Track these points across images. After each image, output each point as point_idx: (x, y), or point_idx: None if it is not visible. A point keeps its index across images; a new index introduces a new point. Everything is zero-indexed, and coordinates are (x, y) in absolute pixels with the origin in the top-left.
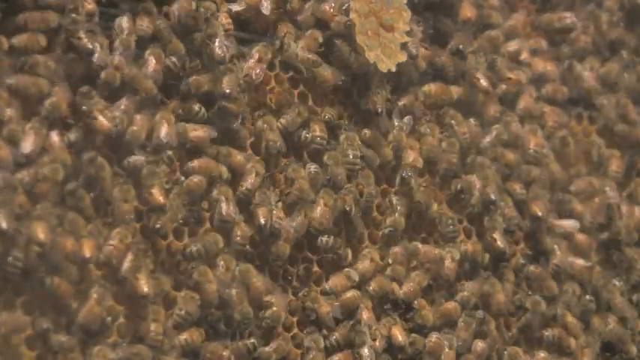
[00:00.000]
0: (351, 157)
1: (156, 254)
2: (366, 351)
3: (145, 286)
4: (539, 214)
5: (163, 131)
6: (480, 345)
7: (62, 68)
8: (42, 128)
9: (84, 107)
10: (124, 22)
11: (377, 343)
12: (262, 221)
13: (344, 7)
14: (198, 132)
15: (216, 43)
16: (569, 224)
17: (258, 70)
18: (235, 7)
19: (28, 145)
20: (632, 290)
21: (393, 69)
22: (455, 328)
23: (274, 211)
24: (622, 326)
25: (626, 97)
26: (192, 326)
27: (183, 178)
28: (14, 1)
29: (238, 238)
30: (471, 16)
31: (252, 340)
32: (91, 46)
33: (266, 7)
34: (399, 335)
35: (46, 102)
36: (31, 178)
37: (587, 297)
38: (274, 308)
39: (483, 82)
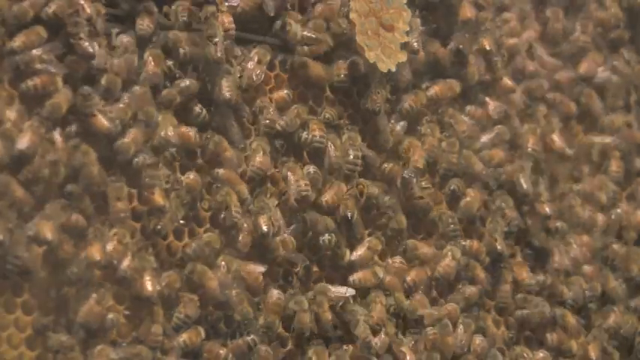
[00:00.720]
0: (352, 157)
1: (156, 254)
2: (361, 327)
3: (149, 286)
4: (548, 212)
5: (165, 134)
6: (477, 342)
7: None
8: (40, 127)
9: (83, 107)
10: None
11: (382, 337)
12: (265, 229)
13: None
14: None
15: (215, 44)
16: None
17: (258, 72)
18: (232, 2)
19: (24, 142)
20: (633, 291)
21: (393, 69)
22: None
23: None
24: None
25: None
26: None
27: (182, 178)
28: None
29: (240, 244)
30: (471, 16)
31: (251, 337)
32: (91, 50)
33: (270, 7)
34: (407, 357)
35: (47, 102)
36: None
37: (588, 292)
38: (268, 313)
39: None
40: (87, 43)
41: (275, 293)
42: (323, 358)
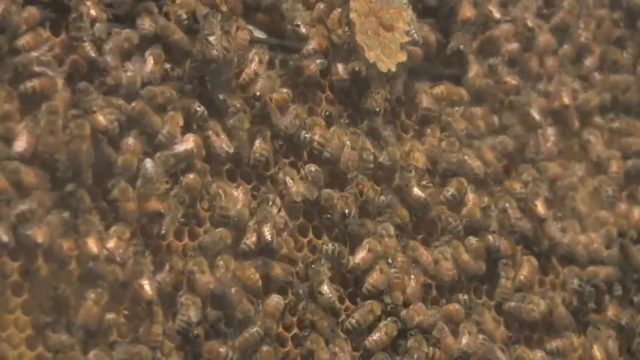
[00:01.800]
0: (364, 156)
1: (155, 254)
2: (325, 288)
3: (149, 290)
4: (543, 214)
5: (166, 129)
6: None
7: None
8: (36, 128)
9: (82, 104)
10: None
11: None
12: (269, 238)
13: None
14: None
15: (213, 43)
16: None
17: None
18: None
19: (21, 145)
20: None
21: (393, 69)
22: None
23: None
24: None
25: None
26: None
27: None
28: None
29: (248, 242)
30: (470, 16)
31: (255, 329)
32: (94, 54)
33: None
34: None
35: (44, 104)
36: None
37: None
38: (264, 317)
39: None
40: (89, 47)
41: (275, 298)
42: (319, 343)
